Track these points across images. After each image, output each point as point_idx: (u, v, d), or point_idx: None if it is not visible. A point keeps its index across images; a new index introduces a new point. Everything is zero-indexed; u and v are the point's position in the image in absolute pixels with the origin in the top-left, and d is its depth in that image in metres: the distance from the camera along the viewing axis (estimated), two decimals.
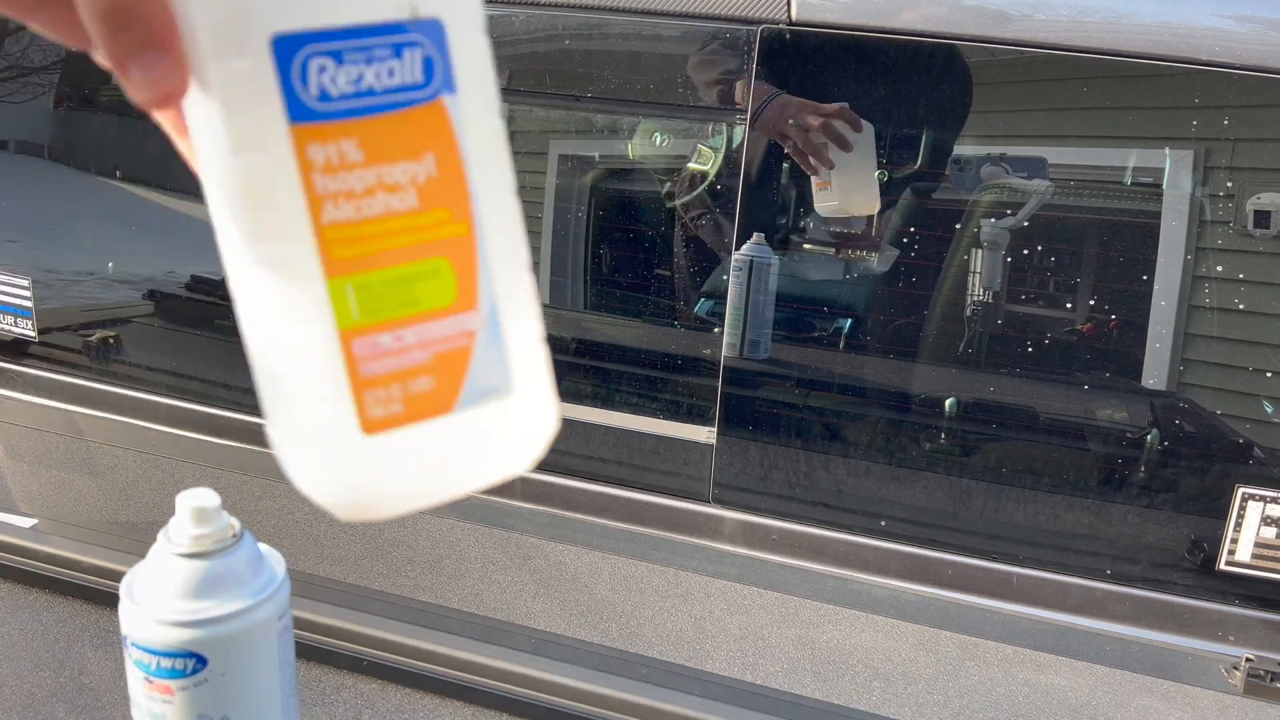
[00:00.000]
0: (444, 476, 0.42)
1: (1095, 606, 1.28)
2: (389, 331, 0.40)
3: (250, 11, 0.37)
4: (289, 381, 0.40)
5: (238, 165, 0.38)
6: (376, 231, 0.39)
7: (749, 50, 1.27)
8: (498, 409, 0.42)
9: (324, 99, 0.38)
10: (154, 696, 0.76)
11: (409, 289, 0.40)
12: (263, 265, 0.40)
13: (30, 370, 1.72)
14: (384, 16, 0.39)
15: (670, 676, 1.08)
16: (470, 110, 0.41)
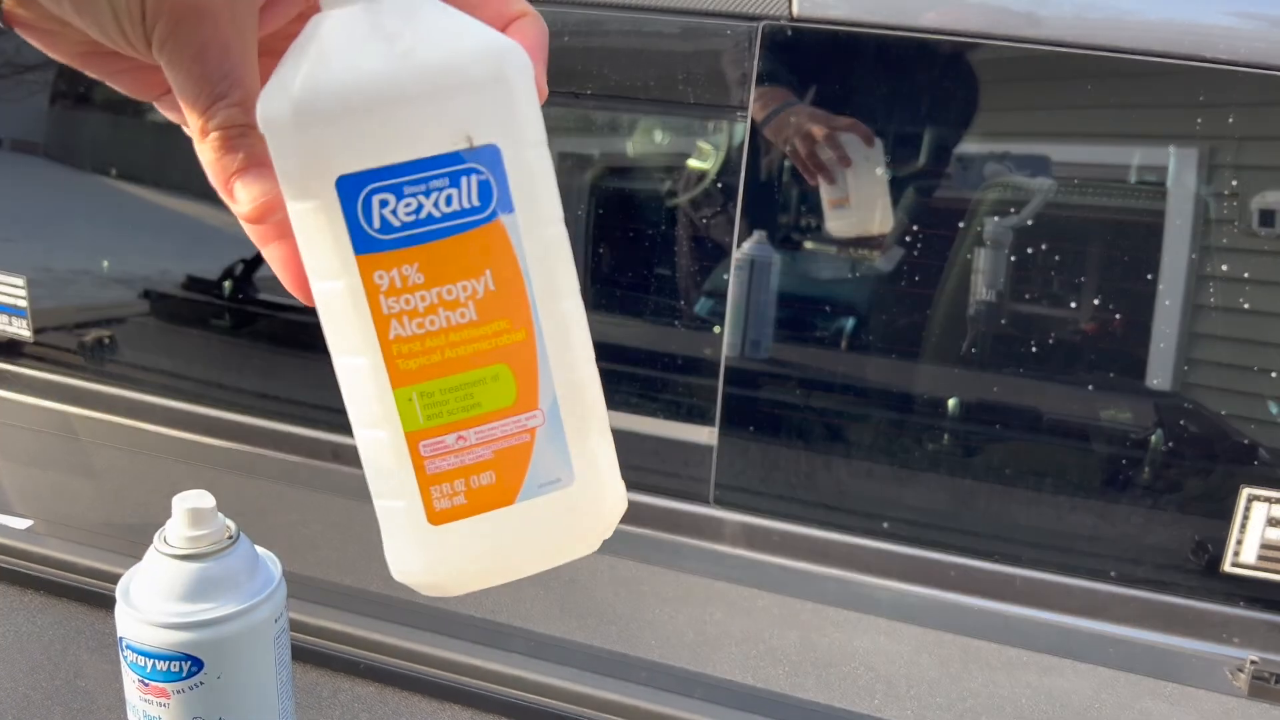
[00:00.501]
0: (510, 560, 0.48)
1: (1099, 608, 1.28)
2: (452, 432, 0.45)
3: (317, 157, 0.41)
4: (372, 477, 0.46)
5: (317, 292, 0.45)
6: (439, 344, 0.44)
7: (749, 47, 1.26)
8: (560, 498, 0.46)
9: (385, 230, 0.42)
10: (150, 699, 0.75)
11: (470, 393, 0.44)
12: (343, 375, 0.47)
13: (25, 370, 1.72)
14: (441, 149, 0.42)
15: (671, 680, 1.07)
16: (528, 225, 0.44)
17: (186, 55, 0.41)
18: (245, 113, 0.42)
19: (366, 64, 0.41)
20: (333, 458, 1.57)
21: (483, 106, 0.43)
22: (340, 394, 0.48)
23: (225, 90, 0.42)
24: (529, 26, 0.46)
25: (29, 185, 1.70)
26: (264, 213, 0.43)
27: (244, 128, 0.42)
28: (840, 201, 1.28)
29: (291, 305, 1.56)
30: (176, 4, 0.41)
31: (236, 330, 1.59)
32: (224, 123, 0.42)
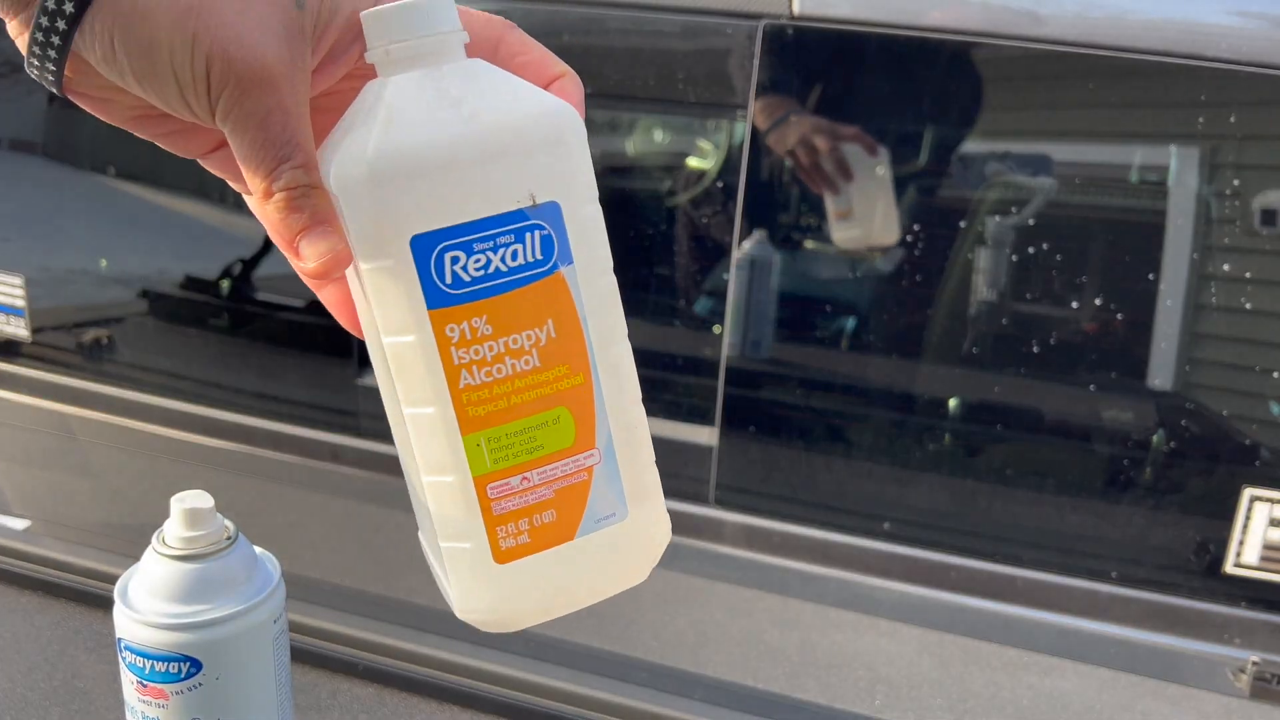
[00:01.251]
0: (570, 594, 0.51)
1: (1100, 609, 1.28)
2: (517, 474, 0.47)
3: (392, 218, 0.44)
4: (438, 520, 0.48)
5: (388, 345, 0.46)
6: (505, 391, 0.46)
7: (750, 46, 1.26)
8: (615, 532, 0.49)
9: (457, 285, 0.45)
10: (148, 700, 0.75)
11: (534, 436, 0.47)
12: (413, 425, 0.48)
13: (23, 370, 1.71)
14: (507, 207, 0.45)
15: (671, 681, 1.07)
16: (585, 275, 0.47)
17: (251, 123, 0.43)
18: (308, 174, 0.44)
19: (436, 128, 0.44)
20: (331, 458, 1.57)
21: (544, 166, 0.45)
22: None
23: (288, 154, 0.44)
24: (570, 86, 0.49)
25: (27, 185, 1.70)
26: (330, 269, 0.45)
27: (307, 188, 0.44)
28: (844, 214, 1.27)
29: (290, 306, 1.56)
30: (241, 74, 0.42)
31: (235, 330, 1.59)
32: (289, 184, 0.44)
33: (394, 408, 0.49)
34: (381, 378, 0.49)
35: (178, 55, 0.42)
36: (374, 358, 0.49)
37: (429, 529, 0.50)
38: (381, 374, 0.49)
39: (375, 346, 0.48)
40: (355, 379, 1.53)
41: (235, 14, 0.42)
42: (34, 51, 0.43)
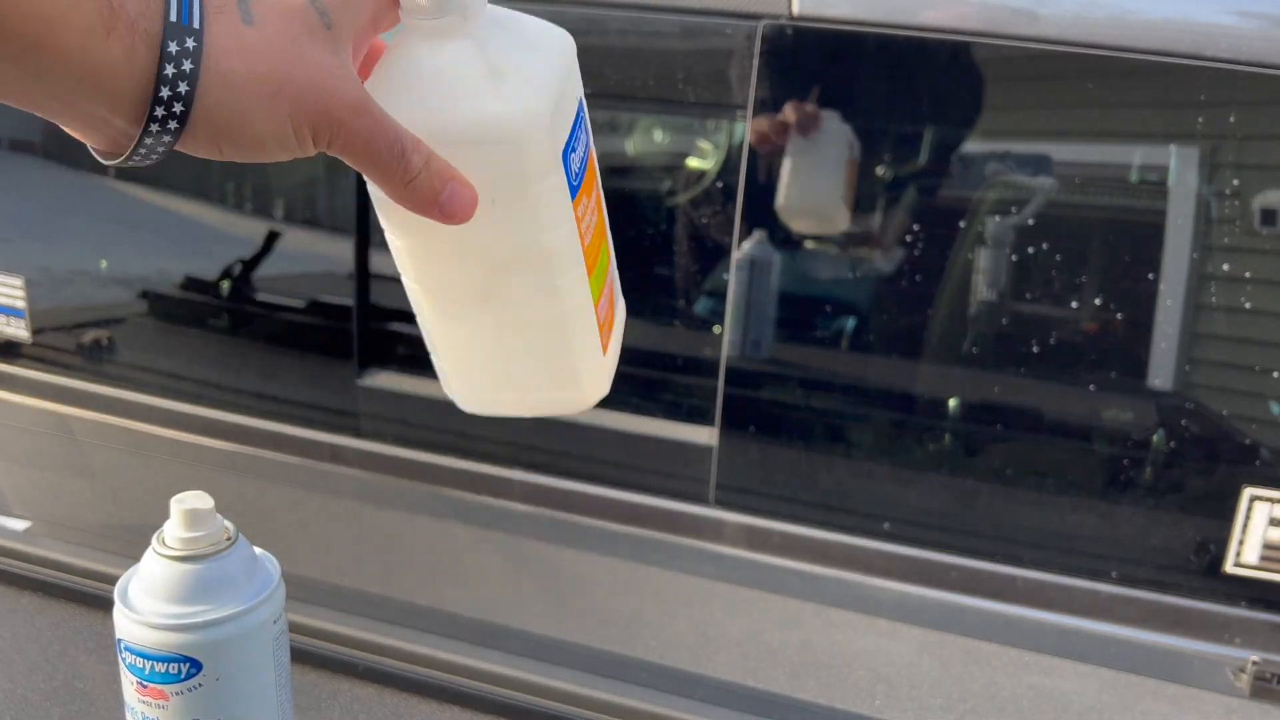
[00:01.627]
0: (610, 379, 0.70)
1: (1101, 609, 1.28)
2: (602, 299, 0.65)
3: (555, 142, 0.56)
4: (577, 335, 0.64)
5: (548, 238, 0.59)
6: (593, 245, 0.63)
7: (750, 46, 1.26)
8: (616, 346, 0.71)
9: (574, 177, 0.58)
10: (148, 701, 0.75)
11: (600, 275, 0.65)
12: (568, 288, 0.61)
13: (23, 371, 1.72)
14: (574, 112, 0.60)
15: (671, 681, 1.07)
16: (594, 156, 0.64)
17: (359, 145, 0.51)
18: (419, 152, 0.53)
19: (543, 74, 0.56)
20: (331, 459, 1.57)
21: (575, 74, 0.61)
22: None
23: (399, 150, 0.52)
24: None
25: (27, 185, 1.70)
26: (472, 210, 0.55)
27: (426, 163, 0.53)
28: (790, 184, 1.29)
29: (289, 306, 1.56)
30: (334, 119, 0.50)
31: (235, 331, 1.59)
32: (415, 172, 0.53)
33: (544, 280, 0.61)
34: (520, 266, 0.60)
35: (284, 138, 0.50)
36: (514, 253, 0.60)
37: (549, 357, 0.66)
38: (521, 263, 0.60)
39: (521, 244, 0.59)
40: (355, 379, 1.53)
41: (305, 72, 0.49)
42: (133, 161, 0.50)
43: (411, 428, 1.52)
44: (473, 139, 0.54)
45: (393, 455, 1.54)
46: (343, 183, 1.49)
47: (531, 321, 0.63)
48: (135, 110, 0.47)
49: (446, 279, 0.62)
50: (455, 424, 1.50)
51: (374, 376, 1.53)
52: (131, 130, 0.48)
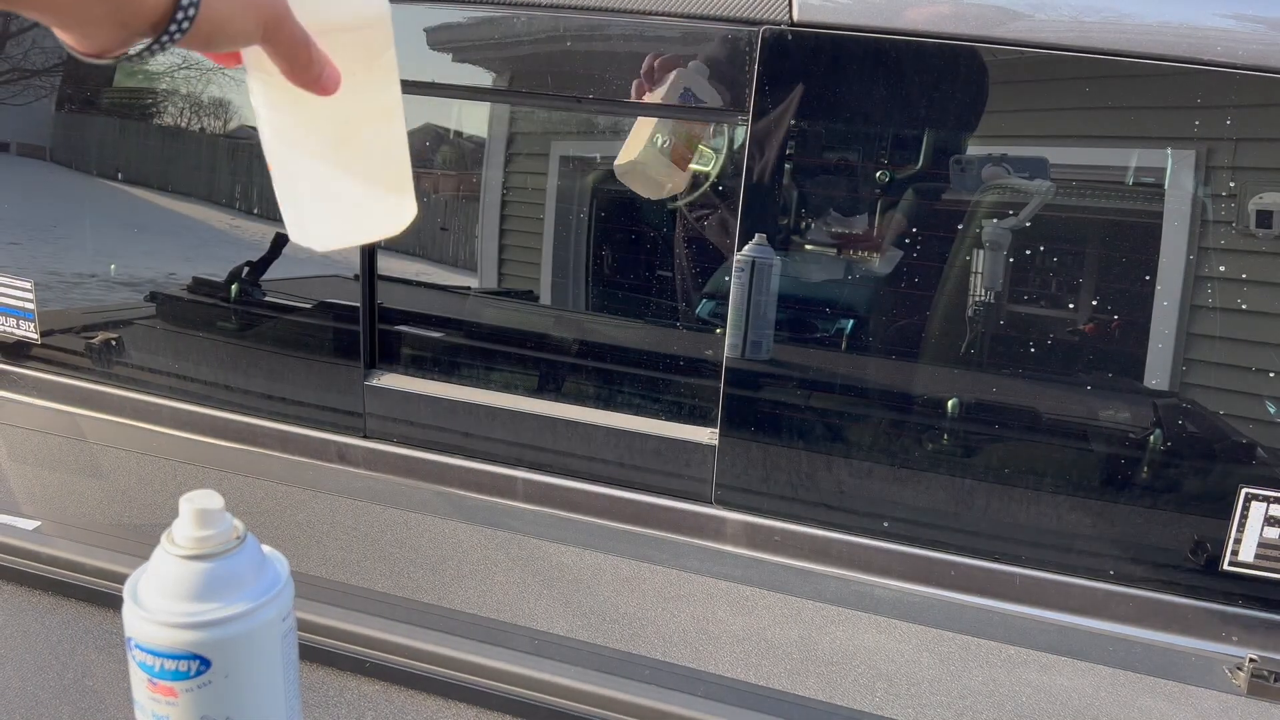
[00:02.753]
0: None
1: (1098, 607, 1.28)
2: None
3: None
4: (403, 164, 0.83)
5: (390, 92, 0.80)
6: None
7: (750, 51, 1.27)
8: None
9: None
10: (157, 698, 0.76)
11: None
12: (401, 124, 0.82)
13: (32, 373, 1.73)
14: None
15: (673, 677, 1.08)
16: None
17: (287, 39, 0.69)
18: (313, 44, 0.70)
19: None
20: (339, 459, 1.58)
21: None
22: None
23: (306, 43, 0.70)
24: None
25: (36, 189, 1.71)
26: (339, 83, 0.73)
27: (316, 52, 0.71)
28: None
29: (297, 308, 1.57)
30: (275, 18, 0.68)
31: (242, 333, 1.60)
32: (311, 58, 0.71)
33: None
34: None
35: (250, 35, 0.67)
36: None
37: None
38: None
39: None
40: (362, 381, 1.54)
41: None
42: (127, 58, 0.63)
43: (417, 428, 1.53)
44: (350, 25, 0.75)
45: (399, 455, 1.55)
46: None
47: (371, 157, 0.81)
48: (155, 21, 0.61)
49: (308, 133, 0.77)
50: (461, 425, 1.51)
51: (381, 378, 1.54)
52: (146, 35, 0.62)
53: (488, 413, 1.50)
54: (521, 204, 1.48)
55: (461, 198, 1.50)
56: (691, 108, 1.32)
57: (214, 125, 1.58)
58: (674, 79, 1.31)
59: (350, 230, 0.86)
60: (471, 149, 1.50)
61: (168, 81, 1.60)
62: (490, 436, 1.50)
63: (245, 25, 0.67)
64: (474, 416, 1.51)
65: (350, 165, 0.81)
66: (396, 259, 1.52)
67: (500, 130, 1.46)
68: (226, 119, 1.58)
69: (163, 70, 1.60)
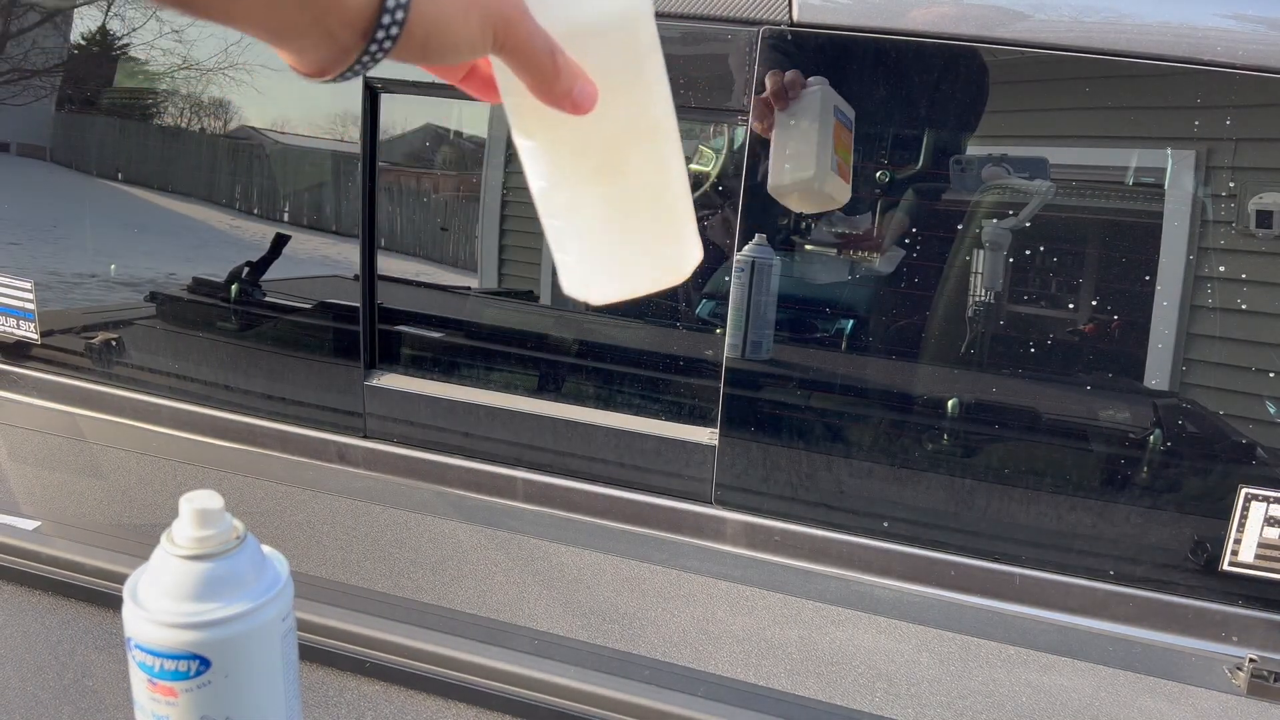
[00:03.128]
0: None
1: (1098, 607, 1.28)
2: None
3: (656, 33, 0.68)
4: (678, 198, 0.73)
5: (655, 110, 0.69)
6: None
7: (750, 52, 1.27)
8: None
9: None
10: (157, 698, 0.76)
11: None
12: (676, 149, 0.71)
13: (32, 373, 1.73)
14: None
15: (673, 678, 1.08)
16: None
17: (524, 46, 0.61)
18: (560, 52, 0.62)
19: None
20: (339, 459, 1.58)
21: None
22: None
23: (550, 50, 0.62)
24: None
25: (36, 190, 1.71)
26: (595, 100, 0.64)
27: (564, 62, 0.63)
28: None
29: (297, 308, 1.57)
30: (504, 20, 0.60)
31: (243, 333, 1.60)
32: (560, 69, 0.62)
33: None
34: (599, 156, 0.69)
35: (474, 41, 0.60)
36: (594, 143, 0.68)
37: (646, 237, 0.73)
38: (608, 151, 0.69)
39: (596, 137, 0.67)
40: (362, 381, 1.54)
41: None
42: (349, 74, 0.59)
43: (417, 428, 1.53)
44: (596, 29, 0.64)
45: (399, 455, 1.55)
46: (350, 187, 1.50)
47: (645, 188, 0.71)
48: (363, 28, 0.57)
49: (571, 166, 0.69)
50: (460, 424, 1.51)
51: (381, 378, 1.54)
52: (357, 45, 0.57)
53: (488, 413, 1.50)
54: (521, 204, 1.48)
55: (461, 198, 1.50)
56: (691, 108, 1.32)
57: (214, 125, 1.59)
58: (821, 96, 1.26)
59: (628, 277, 0.74)
60: (471, 149, 1.50)
61: (167, 82, 1.60)
62: (490, 436, 1.50)
63: (469, 29, 0.60)
64: (474, 416, 1.51)
65: (621, 199, 0.71)
66: (396, 259, 1.52)
67: (499, 130, 1.46)
68: (226, 119, 1.58)
69: (162, 70, 1.60)
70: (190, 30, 1.55)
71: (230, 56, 1.53)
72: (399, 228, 1.52)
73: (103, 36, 1.65)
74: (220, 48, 1.54)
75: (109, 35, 1.64)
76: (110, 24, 1.64)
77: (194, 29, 1.55)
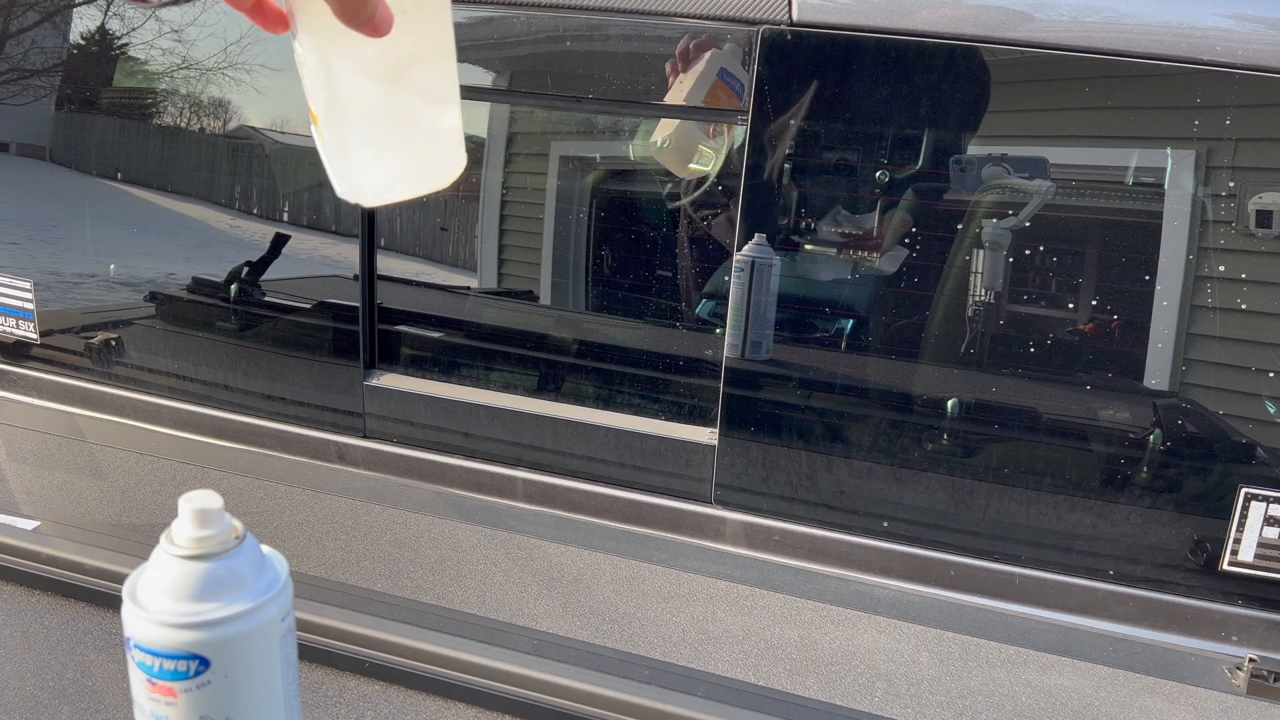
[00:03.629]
0: None
1: (1098, 607, 1.28)
2: None
3: None
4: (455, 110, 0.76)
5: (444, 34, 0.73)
6: None
7: (750, 51, 1.27)
8: None
9: None
10: (157, 698, 0.76)
11: None
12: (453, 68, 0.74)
13: (32, 373, 1.73)
14: None
15: (673, 678, 1.08)
16: None
17: None
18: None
19: None
20: (338, 459, 1.58)
21: None
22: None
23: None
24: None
25: (36, 190, 1.71)
26: (391, 25, 0.67)
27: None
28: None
29: (296, 308, 1.57)
30: None
31: (242, 333, 1.60)
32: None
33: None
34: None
35: None
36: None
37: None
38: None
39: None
40: (362, 381, 1.54)
41: None
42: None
43: (417, 428, 1.53)
44: None
45: (399, 455, 1.55)
46: None
47: (423, 104, 0.75)
48: None
49: (354, 81, 0.73)
50: (460, 424, 1.51)
51: (380, 378, 1.54)
52: None
53: (487, 413, 1.50)
54: (521, 204, 1.48)
55: (460, 197, 1.50)
56: (694, 107, 1.32)
57: (213, 125, 1.59)
58: (709, 58, 1.30)
59: (399, 182, 0.80)
60: (470, 149, 1.50)
61: (167, 81, 1.60)
62: (490, 436, 1.50)
63: None
64: (474, 416, 1.51)
65: (400, 112, 0.76)
66: (396, 259, 1.52)
67: (499, 130, 1.46)
68: (226, 119, 1.58)
69: (163, 70, 1.60)
70: (190, 30, 1.55)
71: (230, 56, 1.54)
72: (398, 227, 1.52)
73: (102, 36, 1.65)
74: (220, 47, 1.54)
75: (108, 35, 1.64)
76: (110, 24, 1.64)
77: (194, 28, 1.55)
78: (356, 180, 0.78)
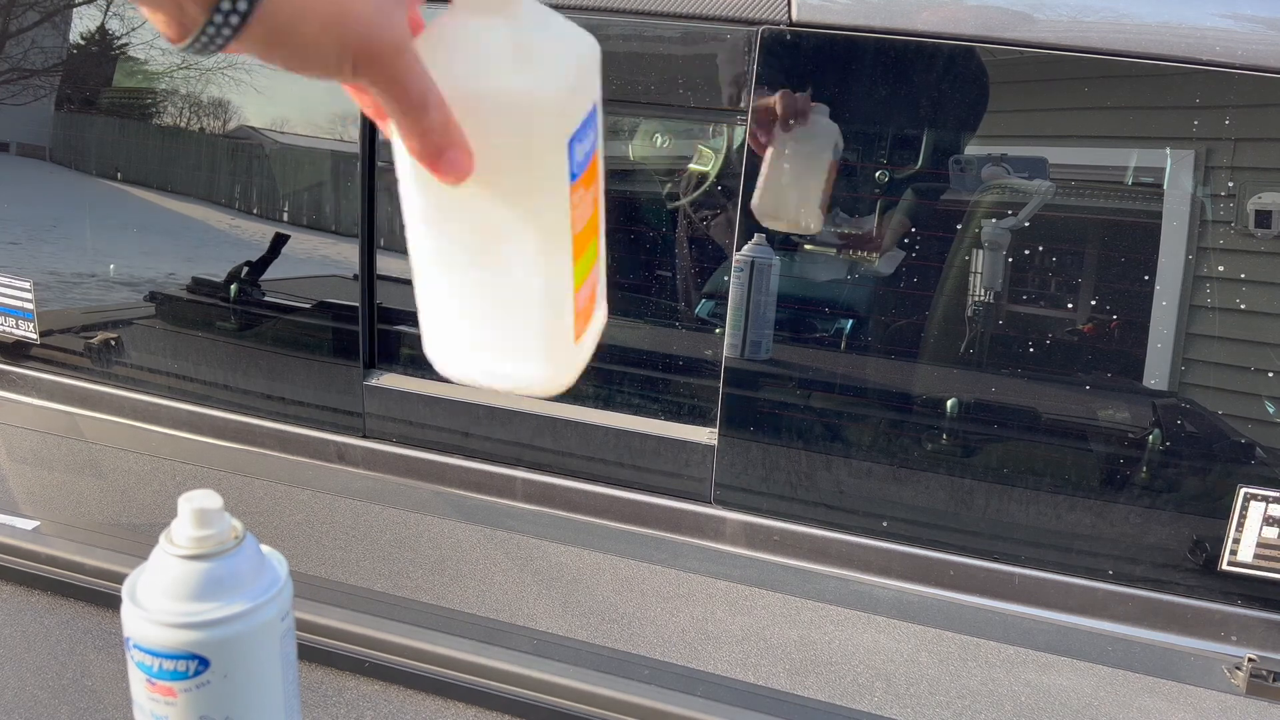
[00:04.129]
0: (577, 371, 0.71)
1: (1097, 607, 1.28)
2: (584, 287, 0.68)
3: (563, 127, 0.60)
4: (548, 315, 0.66)
5: (541, 213, 0.62)
6: (583, 236, 0.65)
7: (749, 51, 1.27)
8: (591, 337, 0.73)
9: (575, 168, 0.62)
10: (156, 698, 0.76)
11: (587, 268, 0.68)
12: (551, 267, 0.64)
13: (32, 372, 1.73)
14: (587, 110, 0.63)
15: (672, 678, 1.08)
16: (600, 153, 0.66)
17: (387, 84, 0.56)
18: (439, 109, 0.57)
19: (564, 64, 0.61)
20: (338, 459, 1.58)
21: (596, 76, 0.64)
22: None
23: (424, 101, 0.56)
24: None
25: (35, 189, 1.71)
26: (464, 175, 0.59)
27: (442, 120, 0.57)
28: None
29: (296, 308, 1.57)
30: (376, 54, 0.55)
31: (242, 333, 1.60)
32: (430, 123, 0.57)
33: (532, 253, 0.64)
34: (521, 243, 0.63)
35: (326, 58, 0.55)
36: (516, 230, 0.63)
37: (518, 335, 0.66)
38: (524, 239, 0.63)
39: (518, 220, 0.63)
40: (361, 381, 1.54)
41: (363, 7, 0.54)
42: (196, 46, 0.54)
43: (417, 428, 1.53)
44: (490, 108, 0.58)
45: (398, 455, 1.55)
46: (349, 186, 1.50)
47: (512, 288, 0.65)
48: (208, 4, 0.52)
49: (446, 234, 0.65)
50: (460, 424, 1.51)
51: (380, 378, 1.54)
52: (199, 17, 0.52)
53: (487, 413, 1.50)
54: None
55: None
56: (690, 107, 1.32)
57: (213, 125, 1.59)
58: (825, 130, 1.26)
59: (480, 368, 0.68)
60: None
61: (167, 82, 1.60)
62: (490, 436, 1.50)
63: (321, 48, 0.54)
64: (474, 416, 1.51)
65: (486, 287, 0.65)
66: (396, 259, 1.52)
67: None
68: (226, 119, 1.58)
69: (162, 70, 1.60)
70: None
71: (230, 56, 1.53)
72: (398, 227, 1.52)
73: (102, 36, 1.65)
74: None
75: (108, 35, 1.64)
76: (110, 23, 1.64)
77: None
78: (434, 339, 0.69)
